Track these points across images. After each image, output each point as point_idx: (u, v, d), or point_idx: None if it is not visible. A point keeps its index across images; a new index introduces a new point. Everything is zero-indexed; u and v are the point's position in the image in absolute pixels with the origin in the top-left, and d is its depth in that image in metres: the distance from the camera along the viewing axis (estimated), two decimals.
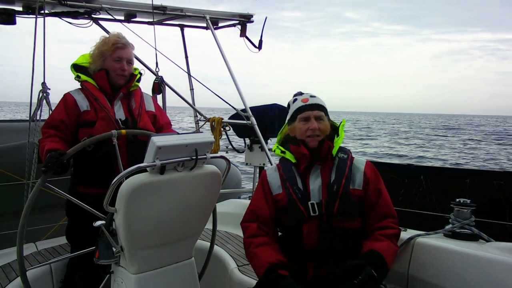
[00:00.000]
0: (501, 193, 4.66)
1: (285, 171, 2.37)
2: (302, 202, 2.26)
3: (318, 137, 2.32)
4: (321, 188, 2.28)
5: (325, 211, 2.23)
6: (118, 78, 2.80)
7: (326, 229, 2.22)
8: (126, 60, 2.81)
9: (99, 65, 2.79)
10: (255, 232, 2.33)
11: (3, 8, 3.77)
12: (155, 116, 2.96)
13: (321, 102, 2.41)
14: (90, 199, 2.39)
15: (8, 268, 2.88)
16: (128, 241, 2.13)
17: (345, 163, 2.33)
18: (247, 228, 2.38)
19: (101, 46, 2.79)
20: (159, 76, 4.58)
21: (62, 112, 2.71)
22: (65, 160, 2.31)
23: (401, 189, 5.25)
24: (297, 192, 2.29)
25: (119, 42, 2.80)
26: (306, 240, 2.24)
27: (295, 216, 2.27)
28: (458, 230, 2.42)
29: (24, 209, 2.19)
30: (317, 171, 2.33)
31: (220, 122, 4.95)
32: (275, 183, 2.38)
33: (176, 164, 2.12)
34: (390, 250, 2.22)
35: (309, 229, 2.24)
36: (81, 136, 2.66)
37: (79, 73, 2.83)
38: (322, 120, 2.36)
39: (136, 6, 4.45)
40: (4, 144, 4.36)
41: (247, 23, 5.16)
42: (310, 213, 2.23)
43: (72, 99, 2.74)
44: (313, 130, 2.31)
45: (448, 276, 2.21)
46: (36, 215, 2.42)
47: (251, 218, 2.39)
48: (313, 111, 2.35)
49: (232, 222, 3.67)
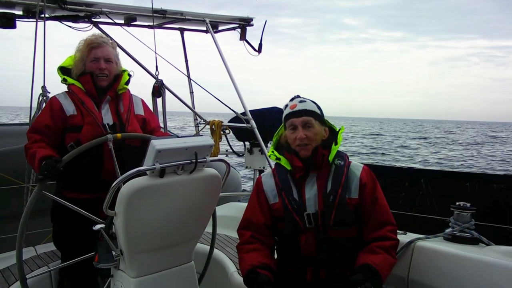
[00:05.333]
0: (501, 196, 4.64)
1: (281, 179, 2.32)
2: (298, 213, 2.22)
3: (308, 146, 2.23)
4: (317, 197, 2.23)
5: (321, 222, 2.20)
6: (99, 80, 2.71)
7: (322, 239, 2.20)
8: (104, 59, 2.70)
9: (80, 68, 2.72)
10: (248, 240, 2.32)
11: (3, 12, 3.78)
12: (144, 120, 2.87)
13: (309, 107, 2.29)
14: (79, 204, 2.34)
15: (7, 272, 2.87)
16: (128, 244, 2.13)
17: (341, 170, 2.26)
18: (242, 236, 2.37)
19: (80, 49, 2.74)
20: (159, 79, 4.59)
21: (47, 116, 2.65)
22: (61, 167, 2.29)
23: (401, 193, 5.23)
24: (293, 203, 2.24)
25: (94, 42, 2.72)
26: (304, 248, 2.23)
27: (291, 226, 2.23)
28: (458, 233, 2.42)
29: (22, 217, 2.18)
30: (313, 180, 2.27)
31: (220, 125, 4.95)
32: (270, 192, 2.33)
33: (176, 167, 2.12)
34: (387, 263, 2.17)
35: (306, 239, 2.22)
36: (67, 141, 2.60)
37: (65, 75, 2.76)
38: (310, 126, 2.25)
39: (136, 9, 4.46)
40: (4, 148, 4.36)
41: (247, 27, 5.18)
42: (306, 224, 2.21)
43: (58, 103, 2.67)
44: (301, 139, 2.23)
45: (448, 279, 2.20)
46: (35, 219, 2.42)
47: (246, 226, 2.37)
48: (299, 118, 2.25)
49: (232, 226, 3.65)
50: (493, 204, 4.67)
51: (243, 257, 2.28)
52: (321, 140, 2.28)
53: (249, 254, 2.26)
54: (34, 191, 2.21)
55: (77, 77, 2.74)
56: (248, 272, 2.18)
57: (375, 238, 2.24)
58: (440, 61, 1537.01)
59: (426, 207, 5.02)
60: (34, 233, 3.33)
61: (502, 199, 4.66)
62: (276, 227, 2.33)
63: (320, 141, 2.27)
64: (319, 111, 2.32)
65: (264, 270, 2.16)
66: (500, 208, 4.64)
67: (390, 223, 2.28)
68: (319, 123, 2.29)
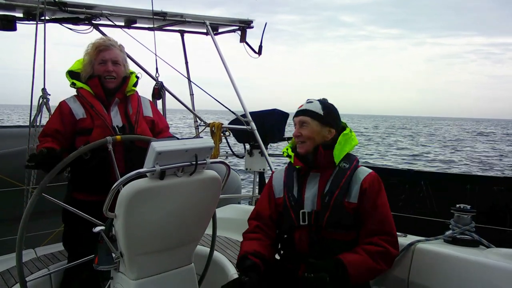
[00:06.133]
0: (501, 199, 4.65)
1: (288, 175, 2.42)
2: (294, 210, 2.29)
3: (304, 144, 2.32)
4: (316, 197, 2.27)
5: (314, 222, 2.24)
6: (107, 82, 2.73)
7: (315, 239, 2.23)
8: (112, 61, 2.73)
9: (89, 71, 2.74)
10: (252, 229, 2.45)
11: (3, 15, 3.79)
12: (153, 122, 2.90)
13: (311, 107, 2.35)
14: (87, 206, 2.37)
15: (7, 275, 2.87)
16: (128, 246, 2.12)
17: (344, 173, 2.28)
18: (249, 225, 2.50)
19: (88, 53, 2.76)
20: (159, 81, 4.59)
21: (57, 121, 2.68)
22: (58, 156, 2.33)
23: (401, 195, 5.24)
24: (291, 199, 2.32)
25: (102, 44, 2.74)
26: (298, 245, 2.29)
27: (287, 222, 2.33)
28: (459, 236, 2.42)
29: (22, 219, 2.18)
30: (315, 179, 2.32)
31: (220, 127, 4.96)
32: (278, 187, 2.43)
33: (176, 169, 2.12)
34: (363, 265, 2.15)
35: (299, 236, 2.28)
36: (78, 144, 2.63)
37: (74, 79, 2.79)
38: (305, 125, 2.33)
39: (136, 12, 4.47)
40: (4, 150, 4.36)
41: (247, 29, 5.18)
42: (300, 222, 2.25)
43: (68, 107, 2.71)
44: (295, 136, 2.35)
45: (448, 282, 2.20)
46: (35, 221, 2.42)
47: (254, 217, 2.50)
48: (298, 117, 2.36)
49: (232, 228, 3.65)
50: (493, 206, 4.68)
51: (243, 244, 2.41)
52: (323, 140, 2.32)
53: (249, 242, 2.38)
54: (34, 194, 2.21)
55: (85, 81, 2.76)
56: (240, 258, 2.31)
57: (364, 242, 2.23)
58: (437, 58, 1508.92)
59: (426, 209, 5.03)
60: (34, 235, 3.32)
61: (502, 201, 4.67)
62: (280, 221, 2.42)
63: (320, 141, 2.31)
64: (322, 112, 2.33)
65: (255, 257, 2.24)
66: (500, 210, 4.65)
67: (386, 232, 2.23)
68: (319, 123, 2.33)
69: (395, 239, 2.26)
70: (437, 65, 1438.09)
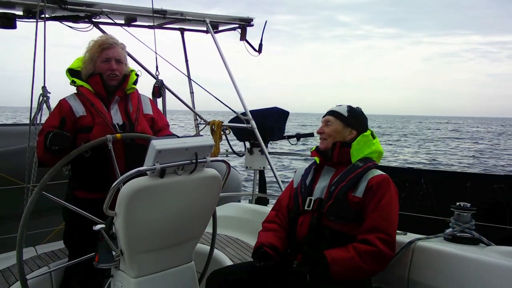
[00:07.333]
0: (501, 197, 4.64)
1: (307, 169, 2.59)
2: (303, 196, 2.44)
3: (325, 141, 2.49)
4: (325, 188, 2.40)
5: (317, 208, 2.34)
6: (109, 80, 2.73)
7: (314, 224, 2.32)
8: (115, 60, 2.72)
9: (90, 69, 2.73)
10: (271, 218, 2.58)
11: (3, 12, 3.78)
12: (153, 119, 2.90)
13: (338, 109, 2.54)
14: (89, 204, 2.37)
15: (7, 273, 2.87)
16: (128, 244, 2.13)
17: (355, 170, 2.37)
18: (269, 214, 2.63)
19: (90, 50, 2.75)
20: (159, 79, 4.59)
21: (57, 119, 2.66)
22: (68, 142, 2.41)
23: (401, 193, 5.23)
24: (302, 186, 2.49)
25: (106, 42, 2.73)
26: (299, 230, 2.38)
27: (294, 207, 2.46)
28: (459, 234, 2.42)
29: (22, 217, 2.18)
30: (330, 173, 2.45)
31: (220, 125, 4.95)
32: (297, 178, 2.60)
33: (176, 167, 2.12)
34: (349, 263, 2.16)
35: (302, 221, 2.38)
36: (78, 142, 2.62)
37: (74, 77, 2.77)
38: (329, 124, 2.50)
39: (136, 10, 4.47)
40: (4, 148, 4.36)
41: (247, 27, 5.18)
42: (305, 206, 2.38)
43: (68, 105, 2.69)
44: (319, 133, 2.53)
45: (448, 280, 2.20)
46: (36, 219, 2.42)
47: (275, 207, 2.66)
48: (324, 116, 2.56)
49: (232, 226, 3.66)
50: (494, 204, 4.67)
51: (260, 234, 2.53)
52: (343, 139, 2.46)
53: (266, 233, 2.49)
54: (35, 191, 2.21)
55: (86, 78, 2.75)
56: (256, 248, 2.41)
57: (359, 239, 2.23)
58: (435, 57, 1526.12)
59: (427, 207, 5.02)
60: (34, 233, 3.33)
61: (503, 199, 4.66)
62: None
63: (340, 139, 2.46)
64: (346, 114, 2.50)
65: (269, 249, 2.34)
66: (500, 208, 4.64)
67: (383, 232, 2.21)
68: (342, 123, 2.49)
69: (392, 240, 2.24)
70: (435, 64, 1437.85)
